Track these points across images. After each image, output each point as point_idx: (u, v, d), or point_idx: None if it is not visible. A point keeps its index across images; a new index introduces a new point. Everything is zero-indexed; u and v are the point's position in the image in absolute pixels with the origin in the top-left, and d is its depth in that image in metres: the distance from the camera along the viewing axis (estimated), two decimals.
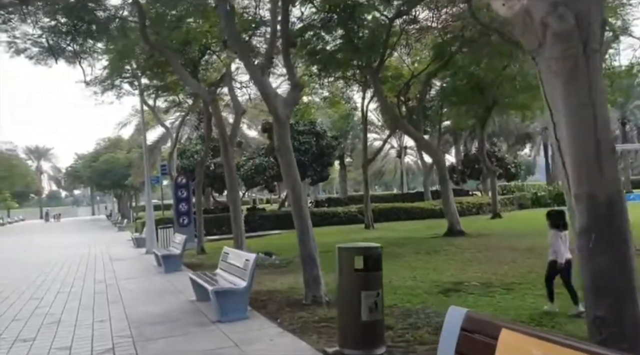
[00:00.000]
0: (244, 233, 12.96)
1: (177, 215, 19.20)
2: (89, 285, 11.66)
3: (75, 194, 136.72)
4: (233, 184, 12.57)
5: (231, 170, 12.53)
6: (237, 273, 7.76)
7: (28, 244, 29.46)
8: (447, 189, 17.28)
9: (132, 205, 54.43)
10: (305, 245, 7.91)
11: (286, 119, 8.01)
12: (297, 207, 7.92)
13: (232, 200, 12.77)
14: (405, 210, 27.66)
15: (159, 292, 10.17)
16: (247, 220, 26.97)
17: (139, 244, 21.73)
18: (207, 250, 17.22)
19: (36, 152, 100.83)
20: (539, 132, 45.97)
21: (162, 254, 13.05)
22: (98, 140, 59.08)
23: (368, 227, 22.73)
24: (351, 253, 5.40)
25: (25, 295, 10.85)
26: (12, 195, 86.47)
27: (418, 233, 19.11)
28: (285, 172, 8.05)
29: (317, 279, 7.82)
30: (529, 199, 32.19)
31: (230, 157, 12.57)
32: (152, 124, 28.04)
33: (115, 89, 17.40)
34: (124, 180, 44.51)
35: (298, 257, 14.44)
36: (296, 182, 7.98)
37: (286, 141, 7.99)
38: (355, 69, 21.94)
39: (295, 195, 7.95)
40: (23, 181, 71.94)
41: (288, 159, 7.97)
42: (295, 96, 8.48)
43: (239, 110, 12.88)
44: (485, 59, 20.07)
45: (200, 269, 13.07)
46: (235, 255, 8.26)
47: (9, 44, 12.43)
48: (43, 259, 18.98)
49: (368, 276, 5.26)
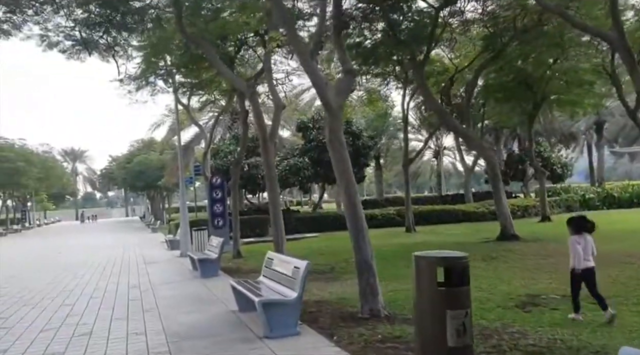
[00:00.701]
0: (284, 236, 12.15)
1: (212, 217, 18.57)
2: (123, 291, 11.02)
3: (109, 196, 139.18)
4: (273, 183, 11.77)
5: (271, 169, 11.74)
6: (284, 282, 6.92)
7: (63, 245, 29.37)
8: (500, 190, 16.13)
9: (165, 207, 54.47)
10: (360, 251, 7.03)
11: (339, 109, 7.16)
12: (351, 208, 7.04)
13: (272, 201, 11.97)
14: (447, 212, 26.47)
15: (197, 300, 9.42)
16: None
17: (172, 246, 21.21)
18: (243, 254, 16.51)
19: (72, 154, 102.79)
20: (582, 131, 44.01)
21: (199, 258, 12.34)
22: (132, 142, 59.52)
23: (409, 231, 21.69)
24: (432, 263, 4.48)
25: (56, 300, 10.26)
26: (49, 197, 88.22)
27: (466, 237, 18.00)
28: (338, 169, 7.19)
29: (375, 290, 6.93)
30: (576, 201, 30.56)
31: (270, 155, 11.78)
32: (186, 123, 27.59)
33: (149, 86, 16.87)
34: (157, 181, 44.43)
35: (343, 263, 13.66)
36: (350, 180, 7.11)
37: (338, 134, 7.13)
38: (395, 64, 21.01)
39: (350, 195, 7.07)
40: (59, 183, 72.86)
41: (341, 154, 7.10)
42: (349, 83, 7.62)
43: (279, 105, 12.09)
44: (537, 51, 18.86)
45: (238, 275, 12.35)
46: (282, 261, 7.42)
47: (41, 37, 11.95)
48: (77, 260, 18.59)
49: (454, 292, 4.34)
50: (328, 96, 7.02)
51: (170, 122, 33.83)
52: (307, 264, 6.48)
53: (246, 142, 16.95)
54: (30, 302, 10.22)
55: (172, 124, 33.58)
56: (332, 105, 7.03)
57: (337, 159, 7.13)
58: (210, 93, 17.88)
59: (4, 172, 50.43)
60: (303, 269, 6.45)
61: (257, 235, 24.02)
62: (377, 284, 6.98)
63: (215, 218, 18.53)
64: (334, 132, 7.05)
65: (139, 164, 49.16)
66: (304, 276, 6.45)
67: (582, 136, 44.87)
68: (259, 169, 26.07)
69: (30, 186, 58.62)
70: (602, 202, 31.09)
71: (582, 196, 31.23)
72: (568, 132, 39.31)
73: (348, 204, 7.07)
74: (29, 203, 73.75)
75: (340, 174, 7.13)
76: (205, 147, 21.17)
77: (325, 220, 26.07)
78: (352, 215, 7.04)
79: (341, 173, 7.11)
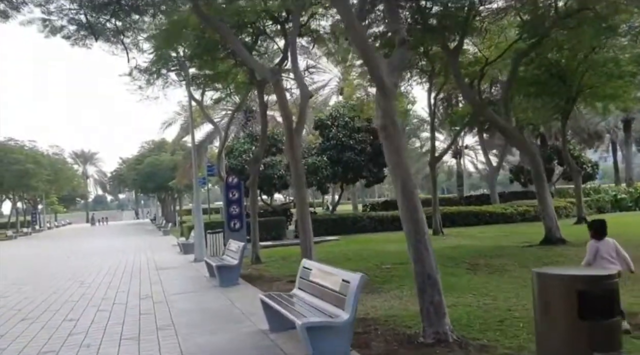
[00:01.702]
0: (312, 240, 10.90)
1: (228, 219, 17.32)
2: (134, 302, 9.82)
3: (120, 198, 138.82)
4: (300, 182, 10.52)
5: (297, 165, 10.49)
6: (330, 299, 5.68)
7: (72, 249, 28.35)
8: (545, 190, 14.77)
9: (177, 209, 53.41)
10: (422, 261, 5.76)
11: (393, 88, 5.91)
12: (409, 207, 5.77)
13: (299, 200, 10.72)
14: (473, 214, 25.08)
15: (219, 315, 8.18)
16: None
17: (185, 250, 20.07)
18: (262, 259, 15.28)
19: (82, 157, 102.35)
20: (608, 129, 42.21)
21: (217, 265, 11.12)
22: (142, 143, 58.58)
23: (437, 233, 20.33)
24: (567, 285, 3.19)
25: (59, 314, 9.08)
26: (59, 200, 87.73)
27: (503, 240, 16.64)
28: (392, 161, 5.92)
29: (441, 309, 5.66)
30: (607, 201, 29.03)
31: (296, 149, 10.53)
32: (199, 121, 26.45)
33: (160, 79, 15.70)
34: (167, 182, 43.39)
35: (376, 269, 12.39)
36: (407, 175, 5.84)
37: (394, 118, 5.87)
38: (421, 56, 19.72)
39: (407, 192, 5.79)
40: (69, 185, 72.20)
41: (396, 143, 5.84)
42: (402, 56, 6.37)
43: (306, 93, 10.84)
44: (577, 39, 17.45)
45: (261, 283, 11.13)
46: (324, 273, 6.16)
47: (43, 22, 10.79)
48: (85, 266, 17.48)
49: (601, 327, 3.05)
50: (381, 71, 5.76)
51: (182, 120, 32.80)
52: (362, 277, 5.22)
53: (266, 138, 15.71)
54: (30, 316, 9.05)
55: (184, 123, 32.54)
56: (385, 84, 5.77)
57: (392, 150, 5.86)
58: (227, 86, 16.65)
59: (14, 174, 49.71)
60: (356, 283, 5.19)
61: (273, 238, 22.82)
62: (444, 302, 5.70)
63: (231, 220, 17.29)
64: (388, 115, 5.78)
65: (150, 165, 48.15)
66: (357, 293, 5.20)
67: (607, 135, 43.17)
68: (274, 168, 24.87)
69: (40, 188, 57.92)
70: (634, 203, 29.52)
71: (613, 196, 29.70)
72: (593, 131, 37.69)
73: (406, 203, 5.79)
74: (40, 206, 73.19)
75: (395, 167, 5.86)
76: (220, 145, 19.96)
77: (345, 222, 24.79)
78: (410, 218, 5.77)
79: (395, 166, 5.84)
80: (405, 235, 5.94)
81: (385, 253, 15.28)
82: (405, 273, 10.91)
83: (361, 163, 25.65)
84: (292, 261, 14.67)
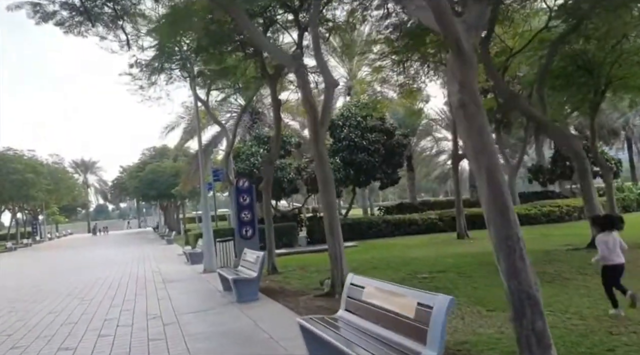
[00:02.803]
0: (343, 247, 9.60)
1: (239, 226, 15.99)
2: (140, 324, 8.49)
3: (121, 207, 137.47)
4: (328, 182, 9.23)
5: (324, 162, 9.20)
6: (399, 328, 4.35)
7: (72, 260, 27.04)
8: (590, 187, 13.44)
9: (181, 216, 52.06)
10: (517, 276, 4.44)
11: (472, 53, 4.61)
12: (498, 206, 4.46)
13: (326, 202, 9.42)
14: None
15: (243, 339, 6.85)
16: (310, 230, 23.72)
17: (193, 260, 18.76)
18: (278, 268, 13.98)
19: (82, 166, 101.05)
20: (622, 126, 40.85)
21: (234, 278, 9.78)
22: (143, 150, 57.31)
23: (462, 237, 19.01)
24: None
25: (54, 341, 7.75)
26: (60, 210, 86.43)
27: (541, 244, 15.28)
28: (475, 145, 4.59)
29: (544, 339, 4.33)
30: (633, 200, 27.66)
31: (321, 145, 9.24)
32: (204, 122, 25.17)
33: (164, 75, 14.42)
34: (170, 189, 42.06)
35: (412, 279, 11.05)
36: (494, 162, 4.53)
37: (475, 91, 4.56)
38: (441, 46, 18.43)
39: (495, 185, 4.48)
40: (70, 195, 70.97)
41: (479, 121, 4.52)
42: (481, 15, 5.06)
43: (332, 83, 9.56)
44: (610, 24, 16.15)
45: (284, 298, 9.80)
46: (385, 293, 4.83)
47: (33, 7, 9.53)
48: (86, 279, 16.15)
49: None
50: (458, 33, 4.47)
51: (185, 124, 31.47)
52: (450, 301, 3.89)
53: (280, 136, 14.42)
54: (20, 345, 7.73)
55: (187, 126, 31.23)
56: (463, 47, 4.48)
57: (473, 131, 4.54)
58: (235, 82, 15.35)
59: (13, 184, 48.57)
60: (442, 310, 3.86)
61: (284, 245, 21.49)
62: (548, 329, 4.36)
63: (243, 227, 15.97)
64: (467, 88, 4.47)
65: (152, 171, 46.82)
66: (444, 322, 3.86)
67: (622, 132, 41.82)
68: (284, 171, 23.54)
69: (39, 198, 56.70)
70: None
71: (639, 195, 28.32)
72: (612, 127, 36.35)
73: (493, 200, 4.47)
74: (40, 216, 71.95)
75: (478, 154, 4.54)
76: (228, 147, 18.67)
77: (360, 226, 23.46)
78: (500, 219, 4.45)
79: (479, 152, 4.52)
80: (492, 240, 4.61)
81: (413, 260, 13.98)
82: (451, 284, 9.61)
83: (375, 164, 24.32)
84: (312, 271, 13.38)
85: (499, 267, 4.59)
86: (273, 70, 14.21)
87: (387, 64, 19.81)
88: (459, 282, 9.65)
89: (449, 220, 23.62)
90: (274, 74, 13.96)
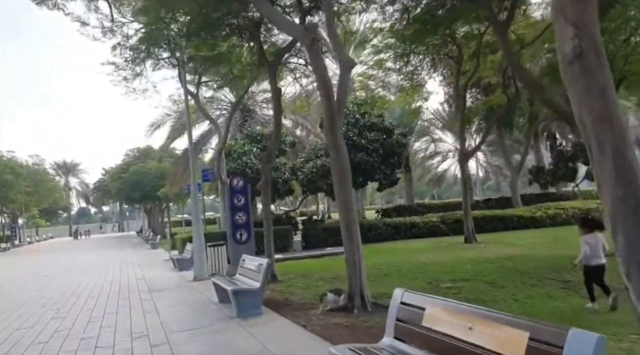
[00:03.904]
0: (362, 251, 8.31)
1: (233, 229, 14.60)
2: (124, 345, 7.10)
3: (104, 211, 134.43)
4: (344, 176, 7.93)
5: (341, 155, 7.90)
6: None
7: (51, 265, 25.38)
8: None
9: (166, 220, 50.28)
10: None
11: None
12: (636, 205, 3.17)
13: (343, 199, 8.11)
14: (499, 218, 22.57)
15: None
16: (306, 234, 22.37)
17: (181, 266, 17.32)
18: (278, 276, 12.63)
19: (64, 168, 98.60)
20: None
21: (234, 289, 8.40)
22: (127, 151, 55.35)
23: (470, 241, 17.80)
24: None
25: None
26: (41, 213, 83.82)
27: (557, 249, 14.10)
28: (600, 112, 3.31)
29: None
30: None
31: (338, 134, 7.94)
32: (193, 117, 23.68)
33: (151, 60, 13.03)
34: (155, 191, 40.36)
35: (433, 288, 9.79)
36: (623, 135, 3.25)
37: (596, 37, 3.28)
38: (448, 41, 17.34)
39: (626, 173, 3.20)
40: (51, 197, 68.74)
41: (602, 79, 3.27)
42: None
43: (348, 63, 8.26)
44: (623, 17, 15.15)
45: (292, 312, 8.46)
46: (458, 317, 3.52)
47: None
48: (63, 287, 14.63)
49: None
50: None
51: (172, 121, 29.87)
52: (599, 342, 2.59)
53: (280, 130, 13.08)
54: None
55: (175, 123, 29.66)
56: None
57: (592, 97, 3.27)
58: (230, 69, 13.95)
59: None
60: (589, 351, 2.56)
61: (279, 250, 20.06)
62: None
63: (237, 230, 14.58)
64: (585, 29, 3.21)
65: (136, 173, 45.00)
66: None
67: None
68: (279, 171, 22.17)
69: (18, 201, 54.57)
70: None
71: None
72: None
73: (622, 194, 3.20)
74: (20, 219, 69.49)
75: (600, 126, 3.27)
76: (220, 144, 17.28)
77: (360, 230, 22.11)
78: (634, 222, 3.16)
79: (603, 122, 3.25)
80: (618, 249, 3.32)
81: (426, 266, 12.71)
82: (485, 295, 8.33)
83: (374, 164, 23.05)
84: (317, 279, 12.06)
85: (629, 284, 3.30)
86: (272, 56, 12.91)
87: (389, 57, 18.66)
88: (494, 294, 8.39)
89: (452, 223, 22.50)
90: (274, 61, 12.64)
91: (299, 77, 16.25)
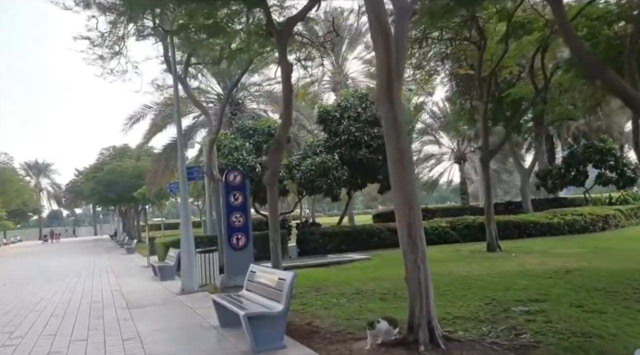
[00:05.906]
0: (429, 269, 6.14)
1: (229, 233, 12.39)
2: None
3: (77, 213, 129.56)
4: (405, 162, 5.84)
5: (400, 132, 5.87)
6: None
7: (14, 271, 22.65)
8: None
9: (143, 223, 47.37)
10: None
11: None
12: None
13: (403, 195, 5.97)
14: (514, 224, 20.61)
15: None
16: (302, 239, 20.16)
17: (163, 275, 14.95)
18: None
19: (35, 168, 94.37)
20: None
21: (248, 314, 6.14)
22: (102, 150, 52.29)
23: (493, 249, 15.77)
24: None
25: None
26: (9, 214, 79.68)
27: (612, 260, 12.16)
28: None
29: None
30: None
31: (397, 104, 5.82)
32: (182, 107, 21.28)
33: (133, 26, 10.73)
34: (131, 192, 37.58)
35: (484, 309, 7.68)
36: None
37: None
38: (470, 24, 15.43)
39: None
40: (19, 198, 65.06)
41: None
42: None
43: (405, 7, 6.12)
44: None
45: (325, 345, 6.26)
46: None
47: None
48: (20, 303, 12.10)
49: None
50: None
51: (153, 114, 27.30)
52: None
53: (291, 114, 10.84)
54: None
55: (155, 116, 27.11)
56: None
57: None
58: (229, 41, 11.69)
59: None
60: None
61: None
62: None
63: (233, 234, 12.38)
64: None
65: (110, 172, 42.07)
66: None
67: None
68: None
69: None
70: None
71: None
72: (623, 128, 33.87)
73: None
74: None
75: None
76: (213, 134, 14.98)
77: (360, 235, 20.07)
78: None
79: None
80: None
81: (466, 280, 10.60)
82: (587, 324, 6.20)
83: (377, 163, 20.93)
84: (335, 295, 9.85)
85: None
86: (281, 26, 10.72)
87: None
88: (601, 323, 6.28)
89: (462, 229, 20.56)
90: (283, 30, 10.45)
91: (304, 59, 14.08)
